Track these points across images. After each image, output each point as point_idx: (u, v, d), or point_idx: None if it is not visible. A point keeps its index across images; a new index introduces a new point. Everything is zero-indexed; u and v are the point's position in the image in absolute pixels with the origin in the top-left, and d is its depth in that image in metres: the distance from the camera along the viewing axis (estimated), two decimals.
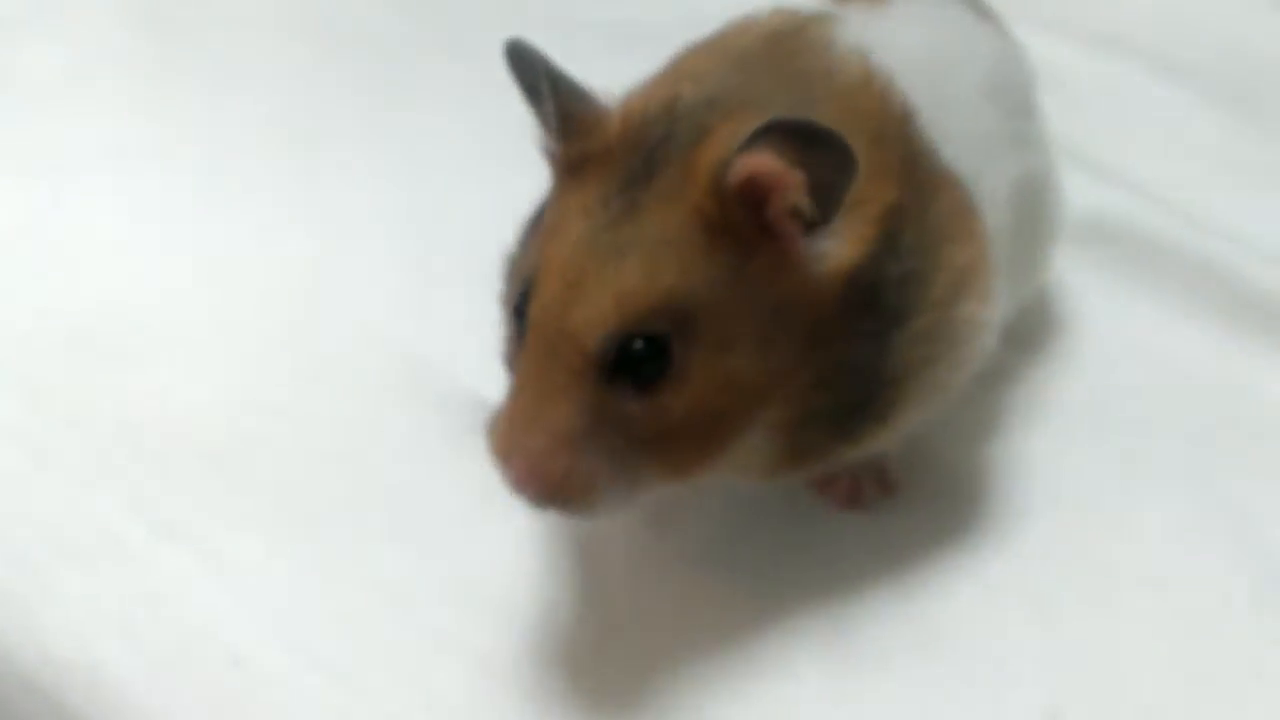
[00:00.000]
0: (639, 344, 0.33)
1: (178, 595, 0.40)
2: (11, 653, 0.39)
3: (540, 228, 0.37)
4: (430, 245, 0.53)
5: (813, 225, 0.34)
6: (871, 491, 0.42)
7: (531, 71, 0.36)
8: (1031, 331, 0.49)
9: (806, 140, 0.32)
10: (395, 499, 0.43)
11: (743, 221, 0.33)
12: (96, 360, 0.49)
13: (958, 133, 0.38)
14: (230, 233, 0.56)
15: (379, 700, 0.37)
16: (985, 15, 0.46)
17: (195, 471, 0.44)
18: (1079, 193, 0.54)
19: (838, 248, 0.34)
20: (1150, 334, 0.48)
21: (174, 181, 0.59)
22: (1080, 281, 0.51)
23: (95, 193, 0.59)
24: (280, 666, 0.38)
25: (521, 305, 0.35)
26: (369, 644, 0.38)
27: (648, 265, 0.33)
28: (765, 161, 0.32)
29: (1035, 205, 0.43)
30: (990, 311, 0.38)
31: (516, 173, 0.38)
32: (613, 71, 0.38)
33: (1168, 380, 0.46)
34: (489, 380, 0.37)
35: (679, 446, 0.34)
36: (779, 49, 0.39)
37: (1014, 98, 0.43)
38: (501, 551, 0.41)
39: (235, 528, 0.42)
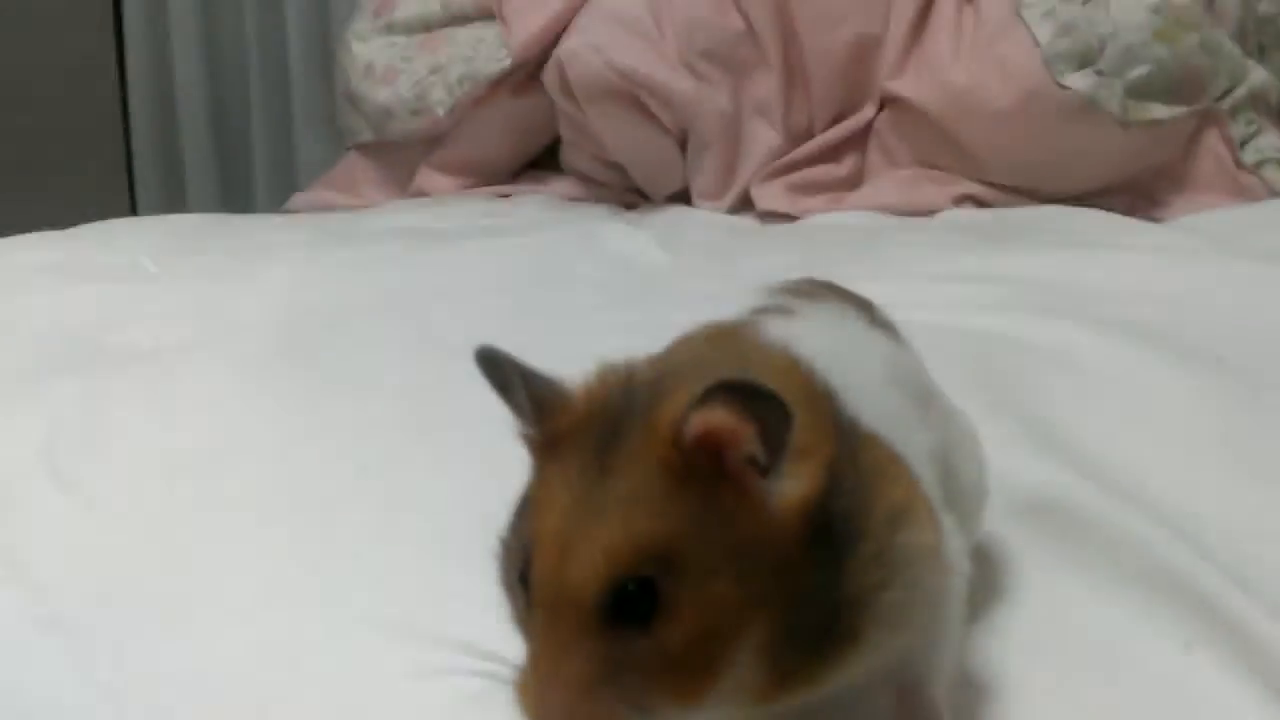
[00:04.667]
0: (630, 588, 0.37)
1: None
2: None
3: (528, 506, 0.42)
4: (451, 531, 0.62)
5: (765, 470, 0.39)
6: None
7: (501, 371, 0.41)
8: (976, 605, 0.53)
9: (750, 396, 0.37)
10: None
11: (704, 469, 0.38)
12: (172, 628, 0.58)
13: (870, 408, 0.44)
14: (281, 519, 0.67)
15: None
16: (880, 324, 0.54)
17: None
18: (1028, 469, 0.60)
19: (792, 488, 0.39)
20: (1068, 606, 0.52)
21: (255, 477, 0.72)
22: (1018, 550, 0.56)
23: (205, 485, 0.72)
24: None
25: (525, 574, 0.40)
26: None
27: (625, 519, 0.37)
28: (719, 416, 0.37)
29: (948, 474, 0.49)
30: (936, 539, 0.43)
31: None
32: None
33: (1079, 652, 0.50)
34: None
35: (683, 673, 0.37)
36: (717, 342, 0.47)
37: (910, 387, 0.50)
38: None
39: None
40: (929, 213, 1.43)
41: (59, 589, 0.63)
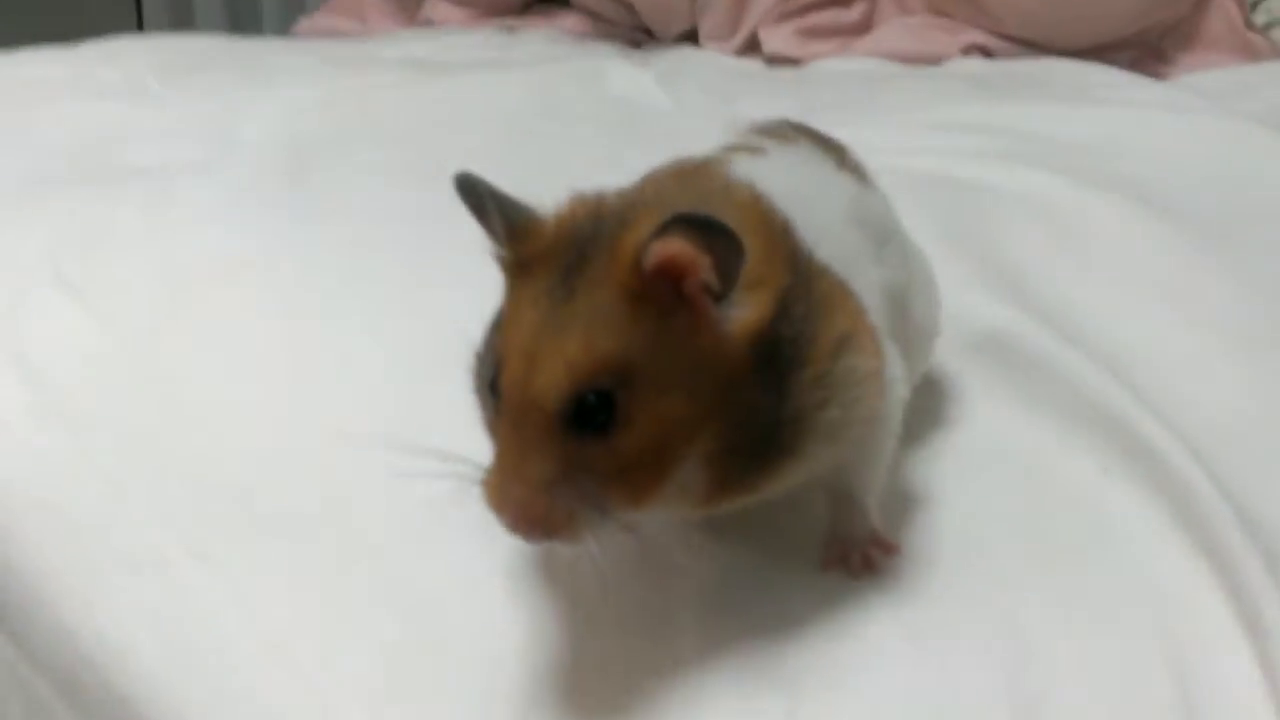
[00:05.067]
0: (590, 398, 0.40)
1: (200, 604, 0.50)
2: (81, 641, 0.51)
3: (500, 322, 0.45)
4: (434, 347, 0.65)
5: (719, 297, 0.42)
6: (880, 556, 0.49)
7: (477, 195, 0.44)
8: (920, 428, 0.57)
9: (706, 229, 0.40)
10: (381, 534, 0.52)
11: (662, 294, 0.41)
12: (169, 423, 0.62)
13: (827, 244, 0.47)
14: (277, 331, 0.70)
15: (327, 684, 0.46)
16: (849, 167, 0.56)
17: (223, 509, 0.55)
18: (983, 308, 0.63)
19: (743, 314, 0.42)
20: (1003, 431, 0.56)
21: (254, 290, 0.75)
22: (964, 381, 0.60)
23: (203, 296, 0.75)
24: (257, 655, 0.48)
25: (495, 382, 0.43)
26: (347, 651, 0.47)
27: (587, 336, 0.40)
28: (677, 246, 0.40)
29: (900, 309, 0.53)
30: (877, 364, 0.46)
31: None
32: None
33: (1006, 472, 0.54)
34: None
35: (634, 477, 0.41)
36: (684, 178, 0.49)
37: (871, 226, 0.52)
38: (485, 581, 0.49)
39: (252, 559, 0.53)
40: (936, 61, 1.43)
41: (65, 388, 0.67)
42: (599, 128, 1.13)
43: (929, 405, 0.59)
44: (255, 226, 0.87)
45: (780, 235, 0.45)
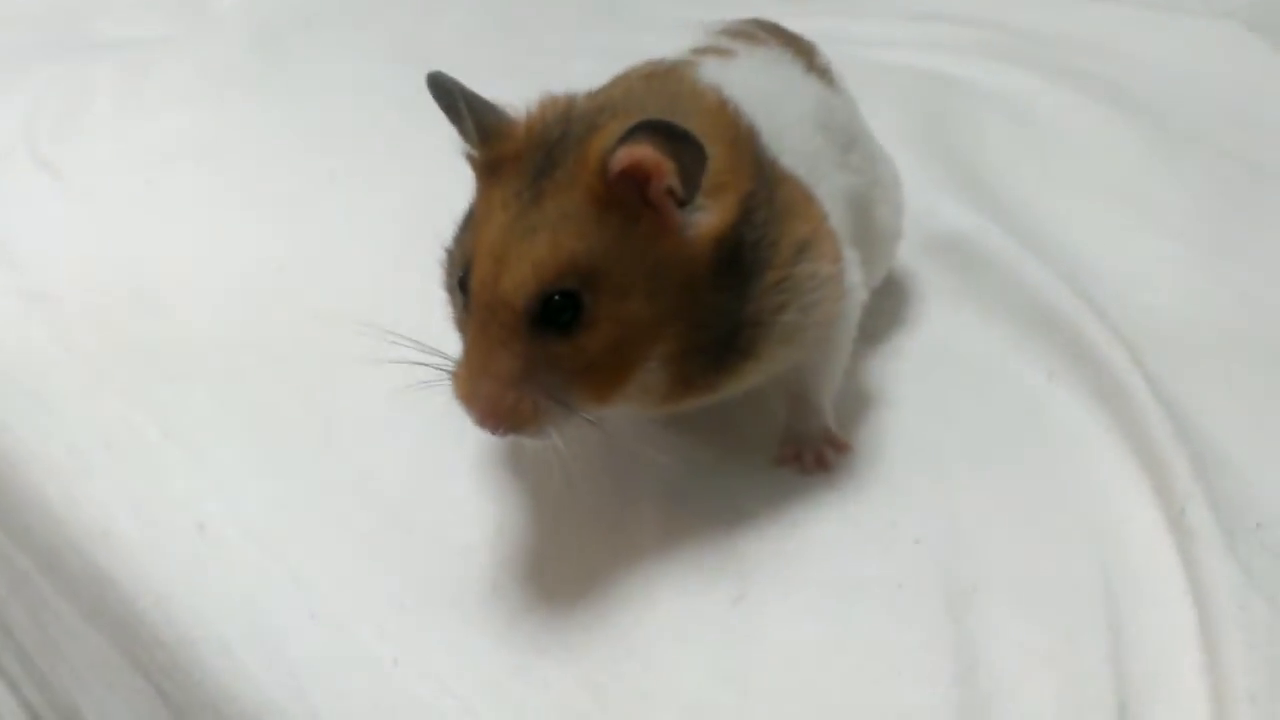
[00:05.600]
0: (556, 298, 0.41)
1: (171, 480, 0.53)
2: (62, 521, 0.53)
3: (470, 221, 0.46)
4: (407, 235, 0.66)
5: (682, 202, 0.43)
6: (832, 454, 0.51)
7: (450, 96, 0.44)
8: (879, 328, 0.59)
9: (670, 136, 0.40)
10: (352, 422, 0.54)
11: (627, 198, 0.42)
12: (146, 308, 0.63)
13: (791, 149, 0.48)
14: (251, 215, 0.71)
15: (301, 564, 0.49)
16: (817, 70, 0.56)
17: (199, 394, 0.57)
18: (946, 210, 0.65)
19: (706, 219, 0.43)
20: (957, 334, 0.58)
21: (227, 173, 0.76)
22: (924, 283, 0.61)
23: (176, 179, 0.76)
24: (233, 537, 0.50)
25: (464, 281, 0.44)
26: (324, 538, 0.49)
27: (554, 238, 0.41)
28: (644, 151, 0.40)
29: (863, 214, 0.54)
30: (836, 269, 0.47)
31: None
32: None
33: (957, 373, 0.56)
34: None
35: (598, 376, 0.42)
36: (654, 81, 0.50)
37: (836, 131, 0.53)
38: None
39: (220, 435, 0.55)
40: None
41: (42, 267, 0.68)
42: (582, 9, 1.11)
43: (887, 306, 0.60)
44: (226, 107, 0.87)
45: (745, 141, 0.46)
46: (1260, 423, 0.52)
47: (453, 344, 0.45)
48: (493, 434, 0.43)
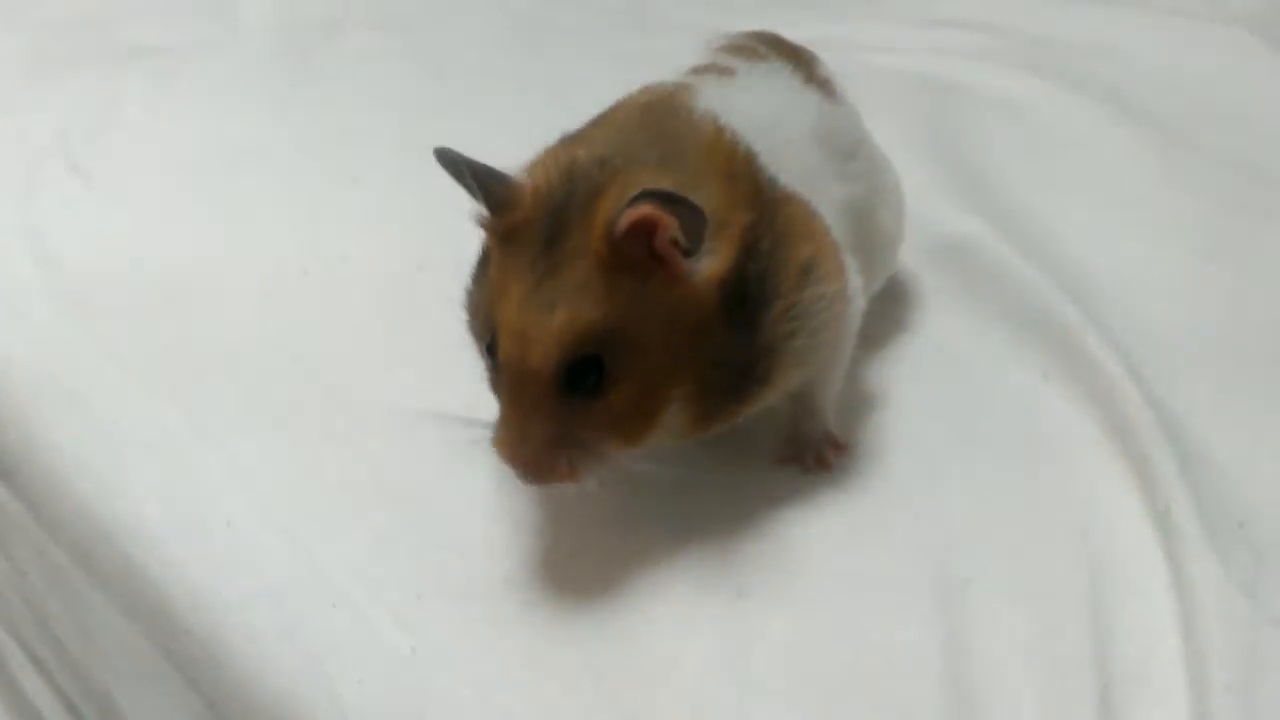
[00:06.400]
0: (580, 366, 0.44)
1: (201, 476, 0.55)
2: (97, 516, 0.55)
3: (489, 285, 0.48)
4: (429, 238, 0.68)
5: (687, 253, 0.45)
6: (832, 454, 0.53)
7: (457, 169, 0.46)
8: (879, 331, 0.61)
9: (669, 201, 0.43)
10: (374, 420, 0.56)
11: (636, 257, 0.44)
12: (177, 309, 0.66)
13: (790, 167, 0.50)
14: (278, 218, 0.73)
15: (323, 556, 0.51)
16: (817, 82, 0.58)
17: (228, 393, 0.60)
18: (947, 215, 0.66)
19: (710, 263, 0.46)
20: (955, 337, 0.60)
21: (254, 177, 0.79)
22: (923, 287, 0.63)
23: (206, 183, 0.78)
24: (260, 531, 0.52)
25: (491, 346, 0.47)
26: (343, 533, 0.51)
27: (571, 312, 0.44)
28: (646, 210, 0.43)
29: (864, 221, 0.56)
30: (840, 286, 0.49)
31: None
32: None
33: (955, 375, 0.58)
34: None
35: (626, 425, 0.46)
36: (651, 116, 0.51)
37: (836, 143, 0.55)
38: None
39: (248, 433, 0.57)
40: None
41: (77, 269, 0.70)
42: (601, 14, 1.13)
43: (888, 310, 0.62)
44: (253, 113, 0.89)
45: (743, 170, 0.48)
46: (1247, 424, 0.53)
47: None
48: (536, 488, 0.47)
